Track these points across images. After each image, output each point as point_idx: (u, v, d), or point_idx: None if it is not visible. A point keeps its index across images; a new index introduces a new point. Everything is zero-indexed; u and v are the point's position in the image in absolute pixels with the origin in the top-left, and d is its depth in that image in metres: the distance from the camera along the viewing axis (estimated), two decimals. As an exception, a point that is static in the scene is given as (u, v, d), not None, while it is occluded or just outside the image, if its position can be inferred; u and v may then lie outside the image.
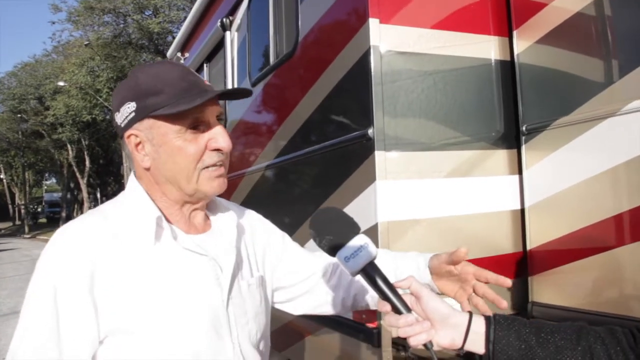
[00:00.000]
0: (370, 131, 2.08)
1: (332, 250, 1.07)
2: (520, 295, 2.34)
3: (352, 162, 2.20)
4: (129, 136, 1.16)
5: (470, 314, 1.06)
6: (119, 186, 42.50)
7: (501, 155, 2.39)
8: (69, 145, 34.48)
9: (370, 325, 2.10)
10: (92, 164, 36.36)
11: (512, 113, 2.40)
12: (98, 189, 42.60)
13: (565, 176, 2.14)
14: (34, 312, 1.07)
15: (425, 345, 1.02)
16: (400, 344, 2.32)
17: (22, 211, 45.90)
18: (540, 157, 2.25)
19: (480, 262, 2.27)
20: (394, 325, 1.04)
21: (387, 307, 1.05)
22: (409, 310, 1.04)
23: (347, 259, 1.04)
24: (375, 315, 2.07)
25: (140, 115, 1.14)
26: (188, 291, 1.15)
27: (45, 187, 64.66)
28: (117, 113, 1.17)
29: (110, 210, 1.20)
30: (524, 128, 2.32)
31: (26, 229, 41.89)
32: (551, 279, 2.22)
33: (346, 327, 2.30)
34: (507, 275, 2.33)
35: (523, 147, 2.33)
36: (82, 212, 40.87)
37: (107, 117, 30.73)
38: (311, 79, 2.57)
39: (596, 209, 2.02)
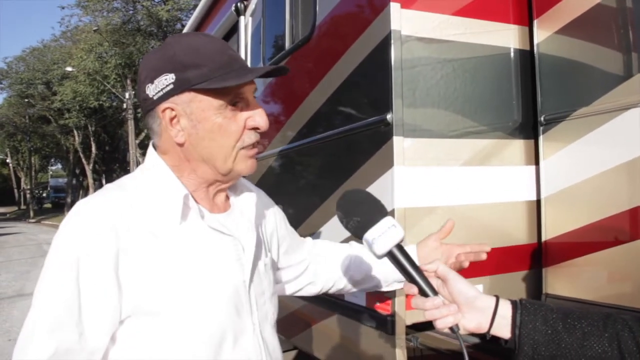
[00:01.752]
0: (389, 116, 2.05)
1: (359, 232, 1.06)
2: (533, 286, 2.33)
3: (370, 147, 2.18)
4: (164, 109, 1.12)
5: (497, 297, 1.06)
6: (125, 173, 42.13)
7: (518, 145, 2.37)
8: (75, 131, 34.53)
9: (384, 312, 2.09)
10: (98, 150, 36.40)
11: (530, 103, 2.38)
12: (103, 176, 42.68)
13: (582, 168, 2.11)
14: (53, 287, 1.04)
15: (451, 328, 1.02)
16: (409, 334, 2.31)
17: (28, 196, 46.07)
18: (558, 148, 2.23)
19: (494, 252, 2.26)
20: (420, 308, 1.03)
21: (414, 289, 1.04)
22: (435, 293, 1.04)
23: (374, 240, 1.03)
24: (389, 302, 2.06)
25: (179, 88, 1.09)
26: (212, 271, 1.14)
27: (51, 173, 64.87)
28: (148, 85, 1.12)
29: (132, 186, 1.16)
30: (542, 118, 2.29)
31: (31, 213, 42.11)
32: (566, 271, 2.20)
33: (359, 314, 2.29)
34: (521, 267, 2.36)
35: (541, 138, 2.30)
36: (87, 198, 40.80)
37: (115, 103, 30.75)
38: (328, 63, 2.55)
39: (613, 201, 1.99)
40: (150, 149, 1.22)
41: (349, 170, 2.34)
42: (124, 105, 25.50)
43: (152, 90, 1.12)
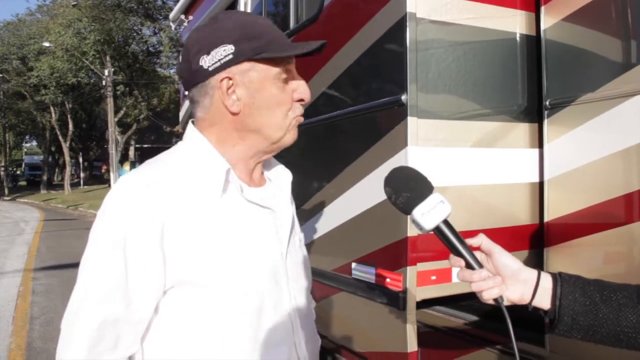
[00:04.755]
0: (403, 97, 2.09)
1: (408, 208, 1.08)
2: (535, 266, 2.38)
3: (383, 127, 2.22)
4: (222, 79, 1.14)
5: (539, 270, 1.11)
6: (102, 151, 42.01)
7: (523, 129, 2.43)
8: (52, 108, 33.88)
9: (395, 288, 2.14)
10: (75, 128, 35.81)
11: (535, 88, 2.43)
12: (80, 154, 42.09)
13: (586, 151, 2.17)
14: (101, 260, 1.06)
15: (496, 299, 1.06)
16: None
17: (2, 173, 45.17)
18: (562, 132, 2.28)
19: (497, 232, 2.36)
20: (467, 280, 1.08)
21: (460, 262, 1.08)
22: (480, 266, 1.08)
23: (424, 215, 1.06)
24: (400, 278, 2.11)
25: (239, 57, 1.12)
26: (252, 243, 1.16)
27: (25, 150, 63.67)
28: (203, 56, 1.13)
29: (173, 161, 1.18)
30: (547, 103, 2.34)
31: (6, 191, 41.34)
32: (567, 251, 2.27)
33: (368, 291, 2.34)
34: (523, 246, 2.42)
35: (545, 122, 2.35)
36: (63, 176, 40.52)
37: (92, 80, 30.21)
38: (337, 44, 2.57)
39: (614, 185, 2.06)
40: (190, 125, 1.24)
41: (361, 148, 2.37)
42: (103, 83, 25.04)
43: (208, 61, 1.13)
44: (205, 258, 1.09)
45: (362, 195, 2.37)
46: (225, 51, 1.12)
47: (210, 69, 1.14)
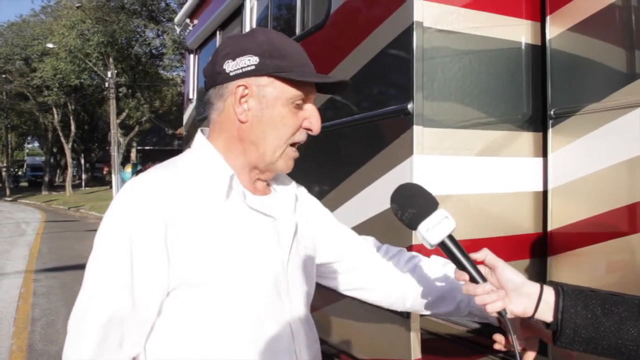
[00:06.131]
0: (409, 106, 2.10)
1: (414, 223, 1.11)
2: (538, 274, 2.41)
3: (389, 135, 2.23)
4: (239, 85, 1.18)
5: (542, 284, 1.12)
6: (104, 153, 42.08)
7: (527, 138, 2.44)
8: (54, 109, 33.99)
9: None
10: (77, 129, 35.91)
11: (540, 97, 2.44)
12: (82, 155, 42.19)
13: (590, 161, 2.18)
14: (108, 260, 1.10)
15: (499, 312, 1.08)
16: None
17: (4, 174, 45.25)
18: (566, 142, 2.29)
19: (501, 241, 2.36)
20: (472, 293, 1.10)
21: (464, 276, 1.11)
22: (484, 279, 1.11)
23: (429, 231, 1.09)
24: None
25: (261, 70, 1.16)
26: (253, 250, 1.19)
27: (27, 151, 63.84)
28: (228, 60, 1.18)
29: (181, 165, 1.22)
30: (552, 112, 2.35)
31: (7, 191, 41.43)
32: (570, 260, 2.28)
33: (371, 297, 2.33)
34: (526, 255, 2.43)
35: (550, 131, 2.36)
36: (64, 178, 40.63)
37: (95, 82, 30.28)
38: (342, 52, 2.58)
39: (617, 195, 2.07)
40: (199, 134, 1.28)
41: (365, 157, 2.39)
42: (106, 84, 25.12)
43: (231, 66, 1.18)
44: (207, 260, 1.13)
45: (366, 203, 2.38)
46: (249, 61, 1.16)
47: (231, 73, 1.18)
